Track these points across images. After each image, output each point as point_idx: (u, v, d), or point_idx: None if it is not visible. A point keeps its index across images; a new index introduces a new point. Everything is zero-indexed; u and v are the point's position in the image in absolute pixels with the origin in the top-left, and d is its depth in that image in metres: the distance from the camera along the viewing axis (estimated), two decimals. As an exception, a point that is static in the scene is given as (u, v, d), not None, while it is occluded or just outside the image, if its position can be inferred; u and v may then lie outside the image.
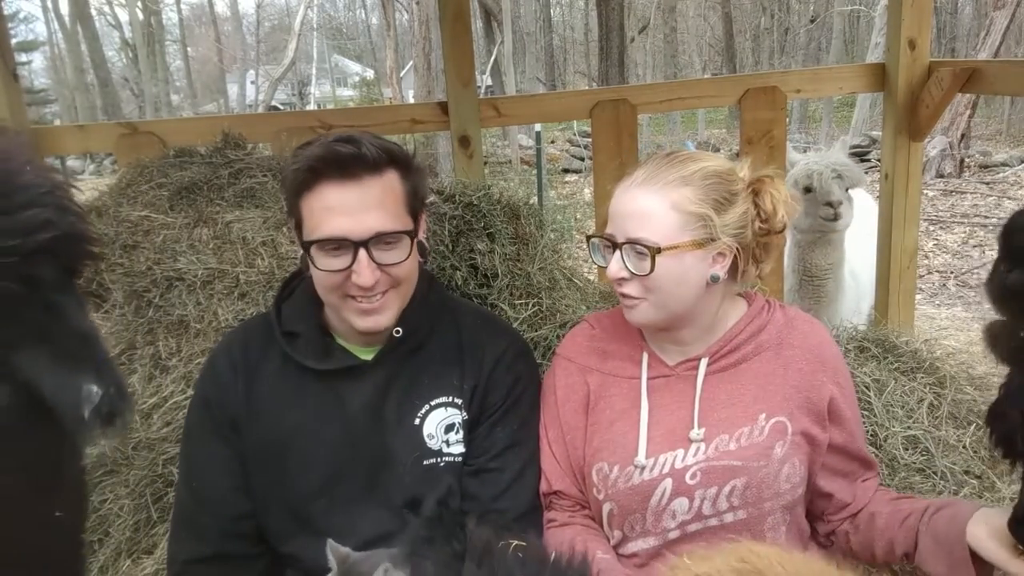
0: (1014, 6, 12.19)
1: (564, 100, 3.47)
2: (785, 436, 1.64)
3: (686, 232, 1.60)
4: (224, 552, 1.72)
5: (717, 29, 33.07)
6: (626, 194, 1.65)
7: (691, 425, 1.66)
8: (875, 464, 1.80)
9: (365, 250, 1.58)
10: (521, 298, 2.40)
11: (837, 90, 3.58)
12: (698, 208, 1.60)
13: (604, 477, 1.69)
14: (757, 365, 1.70)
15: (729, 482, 1.62)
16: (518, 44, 21.60)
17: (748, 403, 1.67)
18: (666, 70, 29.51)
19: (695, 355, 1.72)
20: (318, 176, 1.58)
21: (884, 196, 3.40)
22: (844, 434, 1.71)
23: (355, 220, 1.57)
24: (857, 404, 1.80)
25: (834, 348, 1.79)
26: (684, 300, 1.64)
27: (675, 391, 1.71)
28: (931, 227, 10.65)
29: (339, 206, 1.57)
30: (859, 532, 1.69)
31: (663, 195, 1.61)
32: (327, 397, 1.72)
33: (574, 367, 1.82)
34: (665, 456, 1.65)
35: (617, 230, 1.64)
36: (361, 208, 1.58)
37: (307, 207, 1.61)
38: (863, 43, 26.90)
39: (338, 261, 1.59)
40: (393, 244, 1.63)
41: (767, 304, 1.79)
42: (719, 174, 1.65)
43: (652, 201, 1.61)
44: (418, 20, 15.84)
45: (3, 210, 0.89)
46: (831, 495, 1.71)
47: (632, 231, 1.60)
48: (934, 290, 8.36)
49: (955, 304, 7.78)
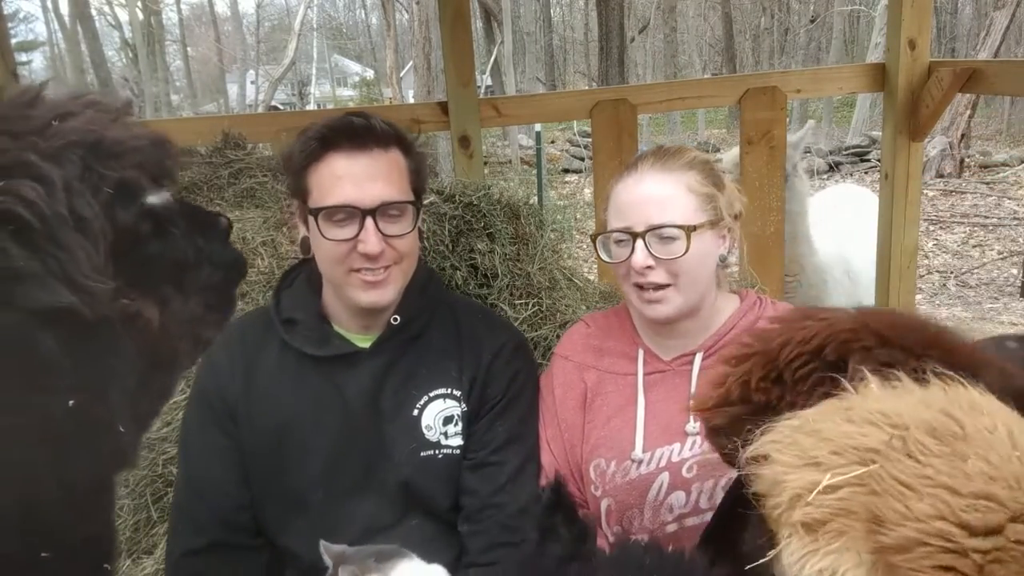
0: (1014, 6, 12.19)
1: (564, 100, 3.47)
2: None
3: (702, 213, 1.66)
4: (222, 542, 1.72)
5: (717, 29, 33.06)
6: (639, 184, 1.67)
7: (687, 419, 1.67)
8: None
9: (372, 219, 1.63)
10: (521, 298, 2.40)
11: (837, 90, 3.58)
12: (708, 189, 1.67)
13: (602, 473, 1.70)
14: None
15: (726, 475, 1.62)
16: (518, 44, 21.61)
17: None
18: (666, 70, 29.50)
19: (690, 350, 1.75)
20: (328, 146, 1.65)
21: (884, 196, 3.40)
22: None
23: (362, 189, 1.63)
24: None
25: None
26: (704, 282, 1.70)
27: (671, 386, 1.73)
28: (931, 227, 10.65)
29: (348, 175, 1.63)
30: None
31: (677, 179, 1.65)
32: (325, 387, 1.73)
33: (571, 365, 1.83)
34: (662, 450, 1.66)
35: (635, 220, 1.65)
36: (368, 178, 1.64)
37: (315, 177, 1.66)
38: (863, 43, 26.89)
39: (345, 231, 1.63)
40: (398, 216, 1.67)
41: (759, 300, 1.82)
42: (708, 161, 1.73)
43: (668, 186, 1.65)
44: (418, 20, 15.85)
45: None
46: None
47: (655, 217, 1.63)
48: (934, 290, 8.36)
49: (955, 304, 7.78)
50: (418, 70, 16.09)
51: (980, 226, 10.68)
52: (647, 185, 1.67)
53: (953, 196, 12.58)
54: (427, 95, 14.91)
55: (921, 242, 8.88)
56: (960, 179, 13.63)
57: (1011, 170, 14.14)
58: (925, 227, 10.26)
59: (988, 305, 7.65)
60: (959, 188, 13.00)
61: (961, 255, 9.64)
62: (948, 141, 13.54)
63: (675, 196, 1.65)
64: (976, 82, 3.02)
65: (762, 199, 3.15)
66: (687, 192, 1.65)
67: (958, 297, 8.08)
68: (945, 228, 10.77)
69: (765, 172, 3.15)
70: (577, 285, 2.57)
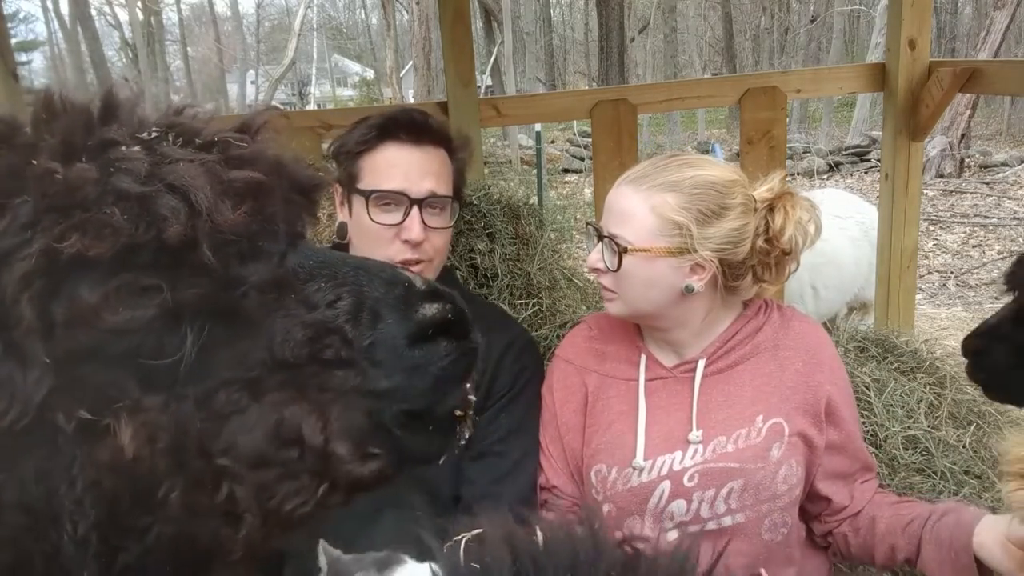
0: (1014, 6, 12.19)
1: (564, 100, 3.47)
2: (782, 437, 1.64)
3: (661, 238, 1.59)
4: None
5: (717, 29, 33.06)
6: (616, 190, 1.68)
7: (689, 427, 1.66)
8: (874, 466, 1.80)
9: (418, 208, 1.72)
10: (521, 298, 2.40)
11: (837, 90, 3.58)
12: (678, 216, 1.58)
13: (603, 479, 1.69)
14: (754, 366, 1.71)
15: (727, 484, 1.62)
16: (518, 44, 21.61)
17: (745, 405, 1.67)
18: (666, 70, 29.52)
19: (692, 357, 1.73)
20: (386, 135, 1.75)
21: (884, 196, 3.40)
22: (841, 435, 1.70)
23: (413, 180, 1.73)
24: (855, 405, 1.80)
25: (831, 349, 1.78)
26: (654, 303, 1.65)
27: (673, 393, 1.72)
28: (931, 227, 10.65)
29: (402, 164, 1.74)
30: (859, 535, 1.69)
31: (645, 197, 1.61)
32: None
33: (572, 368, 1.83)
34: (663, 458, 1.65)
35: (604, 223, 1.68)
36: (420, 170, 1.75)
37: (370, 162, 1.75)
38: (863, 43, 26.89)
39: (390, 216, 1.73)
40: (441, 210, 1.78)
41: (764, 305, 1.79)
42: (713, 185, 1.62)
43: (634, 201, 1.62)
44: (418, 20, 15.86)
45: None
46: (829, 498, 1.71)
47: (612, 227, 1.64)
48: (934, 290, 8.36)
49: (955, 304, 7.78)
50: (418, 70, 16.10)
51: (980, 226, 10.68)
52: (620, 193, 1.67)
53: (953, 196, 12.58)
54: (427, 95, 14.92)
55: (921, 242, 8.89)
56: (960, 179, 13.62)
57: (1011, 170, 14.13)
58: (925, 227, 10.25)
59: (988, 305, 7.65)
60: (959, 188, 12.99)
61: (961, 255, 9.64)
62: (948, 141, 13.53)
63: (635, 214, 1.61)
64: (976, 82, 3.02)
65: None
66: (648, 212, 1.59)
67: (958, 297, 8.08)
68: (945, 228, 10.77)
69: (765, 172, 3.14)
70: (577, 285, 2.57)
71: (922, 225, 8.83)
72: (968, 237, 10.30)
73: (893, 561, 1.63)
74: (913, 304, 3.55)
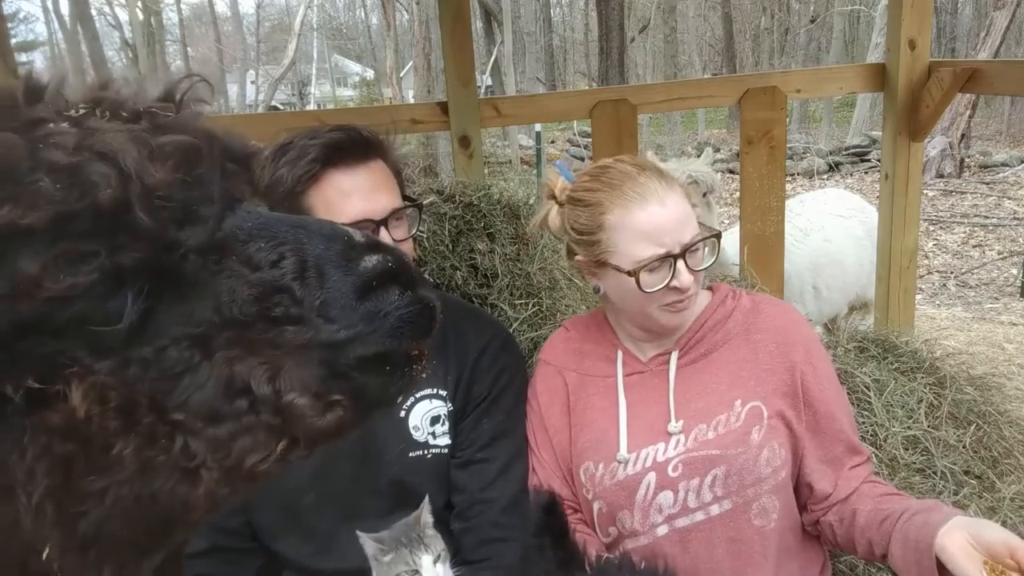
0: (1014, 6, 12.19)
1: (564, 100, 3.48)
2: (761, 420, 1.65)
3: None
4: (221, 546, 1.74)
5: (717, 29, 33.06)
6: (663, 209, 1.63)
7: (668, 418, 1.68)
8: (864, 451, 1.76)
9: (384, 227, 1.65)
10: (521, 298, 2.41)
11: (837, 90, 3.58)
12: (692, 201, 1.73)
13: (591, 476, 1.72)
14: (728, 353, 1.73)
15: (710, 472, 1.63)
16: (518, 44, 21.60)
17: (723, 391, 1.69)
18: (666, 70, 29.51)
19: (666, 349, 1.76)
20: (330, 163, 1.62)
21: (884, 196, 3.40)
22: (816, 415, 1.69)
23: (371, 201, 1.64)
24: (837, 384, 1.78)
25: (805, 329, 1.79)
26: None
27: (650, 386, 1.74)
28: (931, 227, 10.65)
29: (354, 189, 1.63)
30: (842, 526, 1.68)
31: (680, 194, 1.68)
32: None
33: (552, 370, 1.85)
34: (647, 450, 1.67)
35: (669, 244, 1.62)
36: (373, 189, 1.65)
37: (318, 197, 1.63)
38: (863, 43, 26.89)
39: None
40: (402, 220, 1.71)
41: (732, 293, 1.83)
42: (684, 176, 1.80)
43: (682, 201, 1.68)
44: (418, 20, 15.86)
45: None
46: (811, 485, 1.69)
47: (688, 235, 1.64)
48: (934, 290, 8.36)
49: (955, 304, 7.78)
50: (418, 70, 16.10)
51: (980, 226, 10.68)
52: (670, 207, 1.64)
53: (953, 196, 12.58)
54: (427, 95, 14.92)
55: (921, 242, 8.89)
56: (960, 179, 13.63)
57: (1011, 170, 14.14)
58: (925, 227, 10.25)
59: (988, 305, 7.65)
60: (959, 188, 13.00)
61: (961, 255, 9.64)
62: (948, 141, 13.53)
63: (689, 209, 1.69)
64: (976, 82, 3.02)
65: (762, 199, 3.16)
66: (689, 204, 1.70)
67: (958, 297, 8.08)
68: (945, 228, 10.77)
69: (765, 172, 3.15)
70: (577, 285, 2.57)
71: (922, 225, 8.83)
72: (968, 237, 10.30)
73: (872, 556, 1.62)
74: (913, 304, 3.56)
